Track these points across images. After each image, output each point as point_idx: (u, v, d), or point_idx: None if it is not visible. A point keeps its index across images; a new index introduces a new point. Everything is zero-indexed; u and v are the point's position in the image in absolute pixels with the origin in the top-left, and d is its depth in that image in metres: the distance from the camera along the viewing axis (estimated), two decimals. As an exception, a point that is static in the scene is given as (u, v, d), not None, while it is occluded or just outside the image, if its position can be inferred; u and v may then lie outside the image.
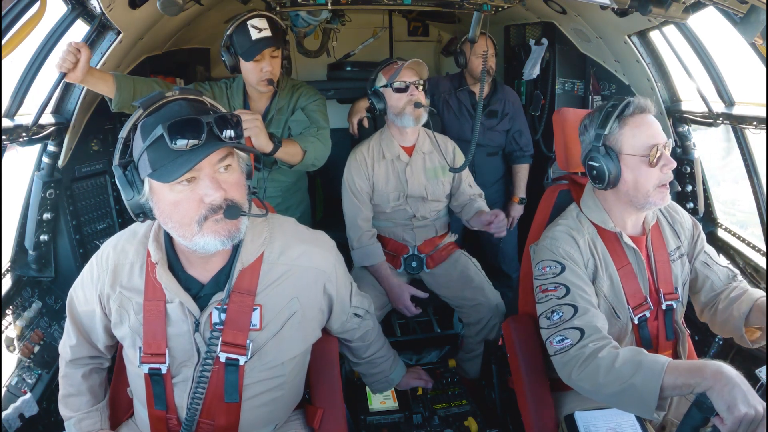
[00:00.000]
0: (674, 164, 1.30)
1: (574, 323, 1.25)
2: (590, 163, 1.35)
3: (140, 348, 1.17)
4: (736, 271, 1.53)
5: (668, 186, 1.32)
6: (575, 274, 1.35)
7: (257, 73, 1.93)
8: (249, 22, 1.87)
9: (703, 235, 1.54)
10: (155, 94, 1.06)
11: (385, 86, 2.08)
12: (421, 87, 2.07)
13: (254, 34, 1.87)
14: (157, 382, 1.17)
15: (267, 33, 1.88)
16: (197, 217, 1.02)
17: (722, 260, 1.56)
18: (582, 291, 1.32)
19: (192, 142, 0.97)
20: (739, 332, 1.38)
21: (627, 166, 1.31)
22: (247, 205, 1.09)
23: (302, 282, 1.22)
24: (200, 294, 1.16)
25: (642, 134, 1.30)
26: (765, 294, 1.39)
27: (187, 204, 1.01)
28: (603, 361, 1.16)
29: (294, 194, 2.27)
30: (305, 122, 2.06)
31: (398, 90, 2.05)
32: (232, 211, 1.03)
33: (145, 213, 1.07)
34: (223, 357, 1.15)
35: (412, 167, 2.17)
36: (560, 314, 1.29)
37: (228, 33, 1.90)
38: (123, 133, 1.07)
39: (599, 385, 1.15)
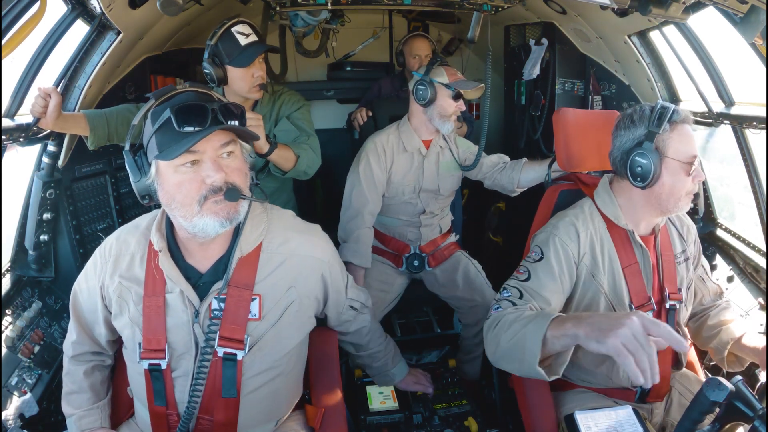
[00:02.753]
0: (704, 177, 1.35)
1: (512, 299, 1.34)
2: (636, 158, 1.32)
3: (140, 344, 1.18)
4: (723, 287, 1.62)
5: (693, 196, 1.35)
6: (548, 269, 1.36)
7: (249, 79, 1.89)
8: (233, 29, 1.84)
9: (700, 245, 1.58)
10: (167, 86, 1.14)
11: (446, 86, 2.04)
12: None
13: (242, 40, 1.84)
14: (157, 378, 1.18)
15: (254, 37, 1.87)
16: (198, 197, 1.06)
17: (714, 275, 1.65)
18: (539, 285, 1.35)
19: (197, 125, 1.03)
20: (721, 354, 1.47)
21: (667, 169, 1.31)
22: (248, 191, 1.14)
23: (300, 271, 1.24)
24: (199, 283, 1.18)
25: (687, 142, 1.32)
26: (754, 327, 1.50)
27: (189, 185, 1.06)
28: (509, 316, 1.23)
29: (280, 196, 2.25)
30: (293, 131, 2.02)
31: (456, 97, 2.05)
32: (232, 193, 1.07)
33: (150, 195, 1.12)
34: (220, 352, 1.16)
35: (428, 160, 2.17)
36: (509, 293, 1.36)
37: (211, 44, 1.85)
38: (135, 121, 1.13)
39: (500, 341, 1.21)
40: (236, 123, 1.08)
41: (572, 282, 1.40)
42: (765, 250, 1.92)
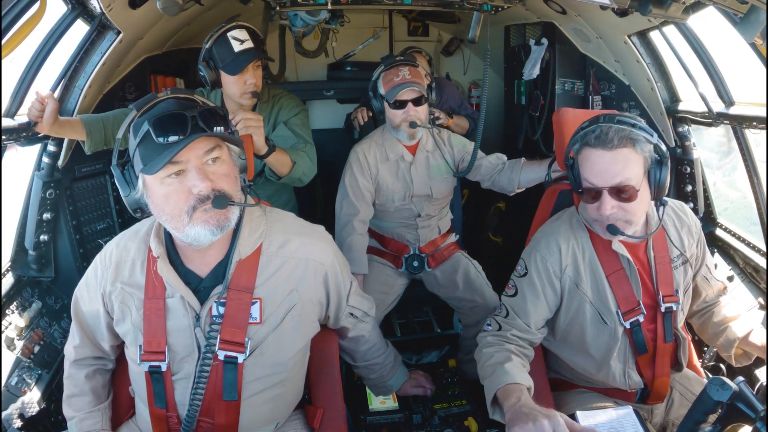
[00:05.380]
0: (606, 210, 1.26)
1: (498, 319, 1.46)
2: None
3: (140, 346, 1.18)
4: (727, 284, 1.60)
5: (610, 225, 1.28)
6: (531, 285, 1.42)
7: (240, 86, 1.87)
8: (229, 34, 1.82)
9: (705, 244, 1.55)
10: (148, 96, 1.11)
11: (383, 97, 2.02)
12: (423, 98, 2.01)
13: (236, 46, 1.82)
14: (157, 380, 1.18)
15: (249, 44, 1.84)
16: (186, 208, 1.05)
17: (718, 273, 1.63)
18: (523, 301, 1.43)
19: (176, 135, 1.01)
20: (728, 351, 1.45)
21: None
22: (239, 197, 1.12)
23: (301, 274, 1.23)
24: (199, 287, 1.18)
25: (589, 169, 1.29)
26: (759, 322, 1.47)
27: (176, 196, 1.05)
28: (484, 355, 1.38)
29: (280, 197, 2.24)
30: (290, 138, 2.00)
31: (395, 107, 2.01)
32: (219, 200, 1.05)
33: (141, 209, 1.11)
34: (221, 355, 1.15)
35: (416, 166, 2.14)
36: (500, 309, 1.48)
37: (207, 46, 1.84)
38: (119, 134, 1.11)
39: (477, 367, 1.39)
40: (221, 128, 1.06)
41: (557, 294, 1.43)
42: (765, 250, 1.92)
